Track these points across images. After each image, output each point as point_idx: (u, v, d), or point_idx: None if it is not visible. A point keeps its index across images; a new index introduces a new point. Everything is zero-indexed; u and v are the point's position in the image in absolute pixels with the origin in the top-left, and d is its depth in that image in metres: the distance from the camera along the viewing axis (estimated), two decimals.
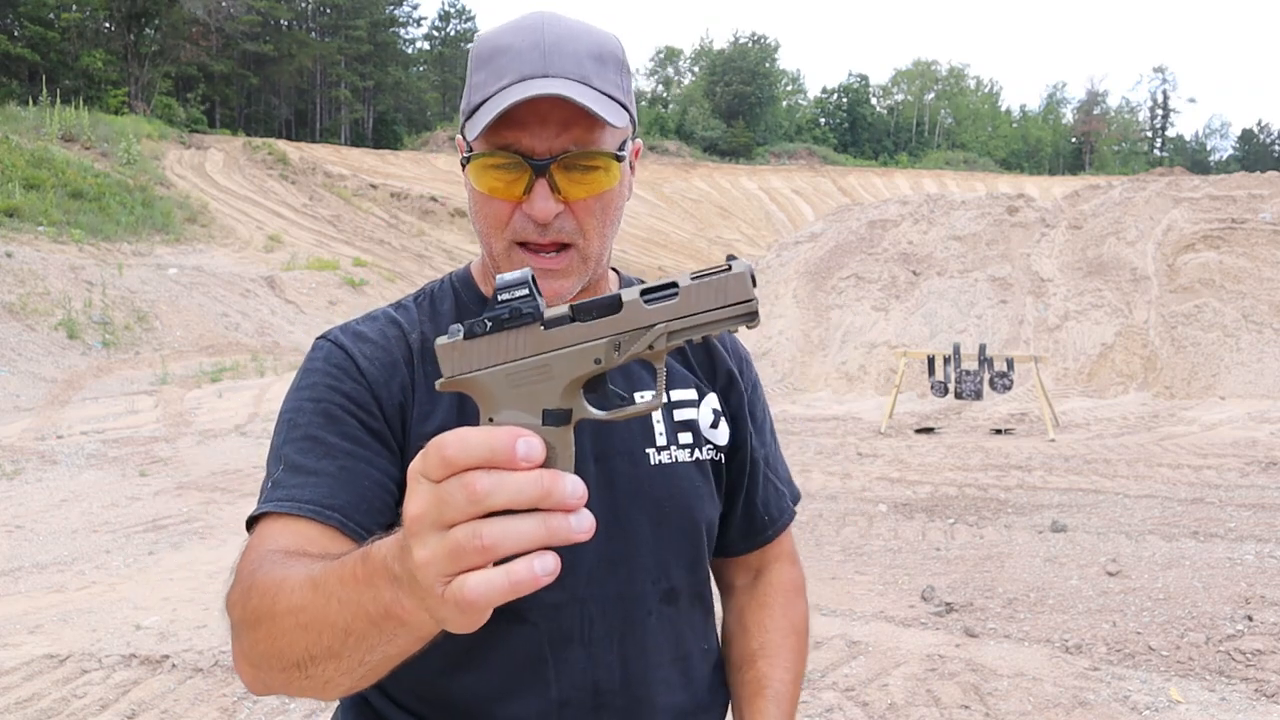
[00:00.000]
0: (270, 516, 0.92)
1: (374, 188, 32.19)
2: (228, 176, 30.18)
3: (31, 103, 30.15)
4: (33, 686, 3.80)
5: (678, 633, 1.12)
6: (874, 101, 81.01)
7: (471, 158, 1.00)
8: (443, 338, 0.68)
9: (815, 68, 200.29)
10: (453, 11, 67.98)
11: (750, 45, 73.36)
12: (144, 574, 5.35)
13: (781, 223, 40.03)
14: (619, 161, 1.01)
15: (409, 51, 65.16)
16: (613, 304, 0.66)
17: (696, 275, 0.67)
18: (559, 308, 0.67)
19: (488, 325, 0.66)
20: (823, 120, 78.15)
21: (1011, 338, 13.38)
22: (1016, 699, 3.65)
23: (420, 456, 0.57)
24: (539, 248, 1.01)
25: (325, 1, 56.88)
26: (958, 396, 10.30)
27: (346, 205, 30.08)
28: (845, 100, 78.55)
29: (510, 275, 0.67)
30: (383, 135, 55.97)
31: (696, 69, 76.89)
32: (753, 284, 0.66)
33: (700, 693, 1.15)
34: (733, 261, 0.67)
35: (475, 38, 1.05)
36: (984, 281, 14.46)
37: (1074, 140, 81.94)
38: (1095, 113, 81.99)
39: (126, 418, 10.56)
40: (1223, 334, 12.19)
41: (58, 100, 29.12)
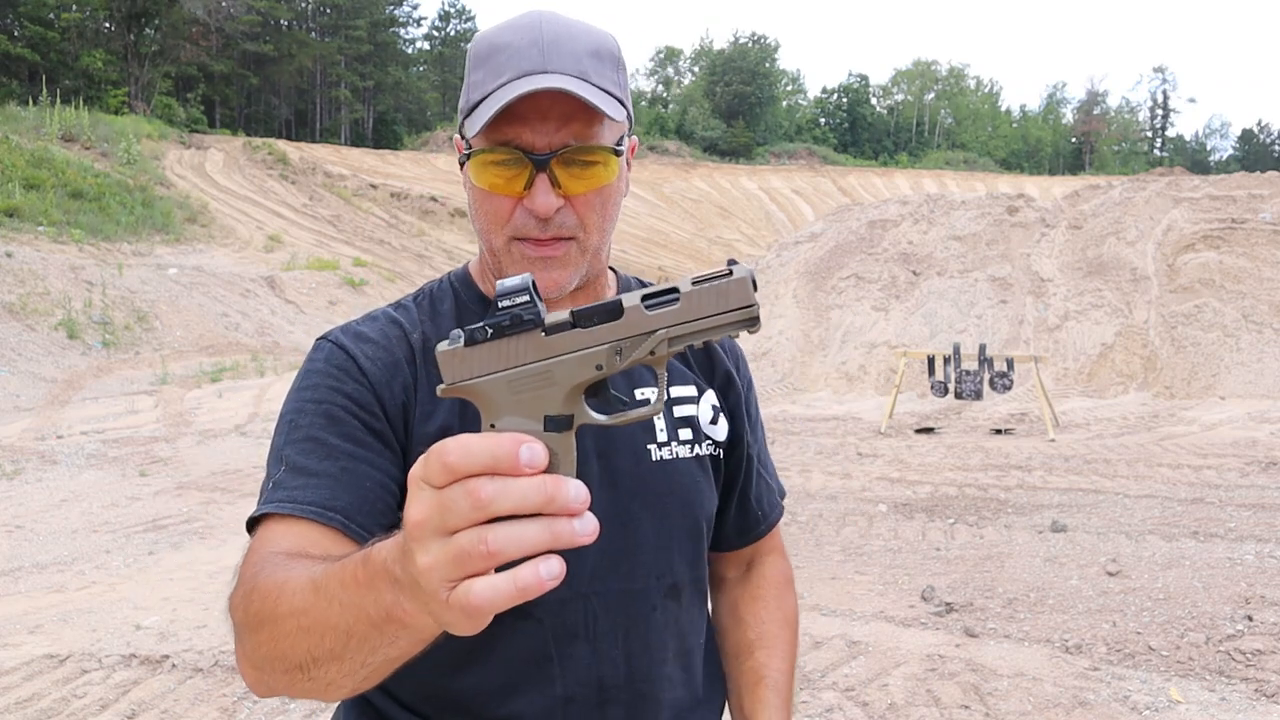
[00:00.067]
0: (272, 518, 0.92)
1: (374, 188, 32.20)
2: (228, 176, 30.19)
3: (31, 103, 30.16)
4: (33, 686, 3.80)
5: (680, 628, 1.13)
6: (874, 101, 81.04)
7: (471, 154, 1.00)
8: (444, 344, 0.68)
9: (815, 68, 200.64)
10: (452, 11, 68.03)
11: (750, 45, 73.38)
12: (144, 574, 5.35)
13: (781, 223, 40.05)
14: (618, 156, 1.02)
15: (409, 51, 65.21)
16: (614, 310, 0.66)
17: (698, 280, 0.66)
18: (560, 313, 0.67)
19: (489, 332, 0.66)
20: (823, 120, 78.17)
21: (1011, 338, 13.37)
22: (1016, 699, 3.65)
23: (421, 462, 0.57)
24: (539, 242, 1.02)
25: (325, 1, 56.89)
26: (958, 396, 10.30)
27: (346, 205, 30.09)
28: (845, 100, 78.57)
29: (511, 281, 0.66)
30: (383, 135, 55.99)
31: (696, 69, 76.94)
32: (754, 289, 0.66)
33: (700, 687, 1.17)
34: (734, 266, 0.67)
35: (473, 37, 1.06)
36: (984, 281, 14.46)
37: (1074, 140, 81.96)
38: (1095, 113, 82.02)
39: (126, 418, 10.56)
40: (1223, 334, 12.19)
41: (58, 100, 29.13)
